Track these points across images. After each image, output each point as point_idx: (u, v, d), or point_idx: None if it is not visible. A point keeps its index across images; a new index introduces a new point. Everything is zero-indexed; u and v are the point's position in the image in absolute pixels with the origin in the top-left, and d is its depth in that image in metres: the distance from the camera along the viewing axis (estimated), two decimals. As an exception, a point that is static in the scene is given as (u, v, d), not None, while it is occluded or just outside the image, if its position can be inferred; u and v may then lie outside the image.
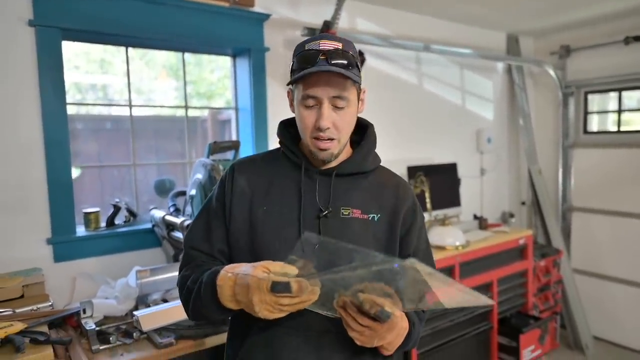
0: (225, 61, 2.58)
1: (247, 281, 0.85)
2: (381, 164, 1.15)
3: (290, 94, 1.07)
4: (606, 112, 3.65)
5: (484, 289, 2.75)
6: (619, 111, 3.49)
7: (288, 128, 1.13)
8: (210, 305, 0.94)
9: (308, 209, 1.02)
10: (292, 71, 1.01)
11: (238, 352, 1.08)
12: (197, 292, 0.97)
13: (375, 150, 1.14)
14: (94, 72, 2.26)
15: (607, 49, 3.40)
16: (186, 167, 2.50)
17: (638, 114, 3.48)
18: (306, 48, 0.98)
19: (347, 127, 1.02)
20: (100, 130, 2.37)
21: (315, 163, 1.06)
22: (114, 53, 2.28)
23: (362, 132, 1.12)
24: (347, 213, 1.03)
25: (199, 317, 1.02)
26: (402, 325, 0.94)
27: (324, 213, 1.01)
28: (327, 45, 0.97)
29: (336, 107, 0.98)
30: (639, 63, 3.24)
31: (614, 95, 3.53)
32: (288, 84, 1.04)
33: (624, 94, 3.45)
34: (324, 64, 0.94)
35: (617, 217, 3.43)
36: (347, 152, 1.09)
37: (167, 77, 2.45)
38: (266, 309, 0.84)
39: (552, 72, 3.57)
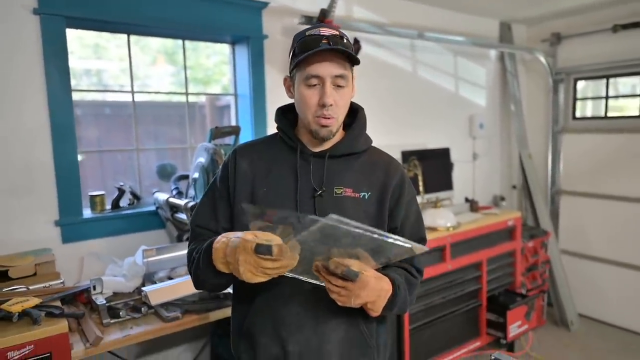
0: (222, 47, 2.63)
1: (237, 242, 0.93)
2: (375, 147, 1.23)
3: (288, 81, 1.15)
4: (594, 98, 3.74)
5: (474, 268, 2.87)
6: (606, 97, 3.59)
7: (285, 114, 1.21)
8: (206, 269, 1.03)
9: (304, 189, 1.11)
10: (294, 57, 1.09)
11: (243, 321, 1.16)
12: (197, 259, 1.07)
13: (366, 132, 1.21)
14: (88, 57, 2.27)
15: (596, 37, 3.49)
16: (187, 151, 2.58)
17: (627, 100, 3.57)
18: (307, 34, 1.07)
19: (345, 107, 1.10)
20: (98, 116, 2.40)
21: (311, 144, 1.14)
22: (108, 38, 2.29)
23: (353, 116, 1.19)
24: (339, 192, 1.11)
25: (200, 284, 1.12)
26: (381, 286, 1.01)
27: (319, 193, 1.10)
28: (327, 31, 1.06)
29: (337, 87, 1.06)
30: (626, 50, 3.33)
31: (602, 82, 3.63)
32: (292, 68, 1.10)
33: (617, 80, 3.54)
34: (326, 46, 1.03)
35: (603, 200, 3.56)
36: (339, 134, 1.16)
37: (165, 63, 2.50)
38: (249, 270, 0.91)
39: (543, 59, 3.65)
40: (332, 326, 1.10)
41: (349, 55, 1.05)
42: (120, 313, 1.71)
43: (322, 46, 1.02)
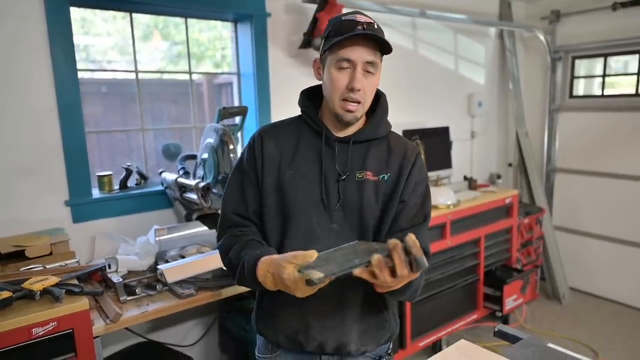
0: (216, 23, 2.59)
1: (285, 283, 0.96)
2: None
3: (318, 62, 1.17)
4: (592, 76, 3.78)
5: (473, 244, 2.95)
6: (604, 76, 3.63)
7: (309, 98, 1.23)
8: (255, 286, 1.09)
9: (328, 173, 1.15)
10: (328, 39, 1.10)
11: (264, 296, 1.21)
12: (240, 271, 1.09)
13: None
14: (76, 33, 2.15)
15: (595, 15, 3.50)
16: (191, 131, 2.58)
17: (624, 78, 3.62)
18: (343, 19, 1.10)
19: (372, 94, 1.13)
20: (96, 94, 2.35)
21: (335, 128, 1.17)
22: (95, 12, 2.22)
23: (375, 101, 1.22)
24: (361, 176, 1.15)
25: (243, 285, 1.16)
26: None
27: (343, 178, 1.14)
28: (362, 18, 1.09)
29: (367, 72, 1.09)
30: (625, 29, 3.36)
31: (595, 60, 3.66)
32: (325, 50, 1.12)
33: (617, 58, 3.58)
34: (362, 31, 1.05)
35: (596, 177, 3.65)
36: (362, 119, 1.19)
37: (158, 39, 2.45)
38: (307, 292, 0.96)
39: (542, 37, 3.66)
40: (353, 301, 1.15)
41: (380, 43, 1.07)
42: (136, 290, 1.76)
43: (357, 31, 1.05)
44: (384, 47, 1.09)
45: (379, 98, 1.23)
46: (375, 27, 1.09)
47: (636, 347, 2.97)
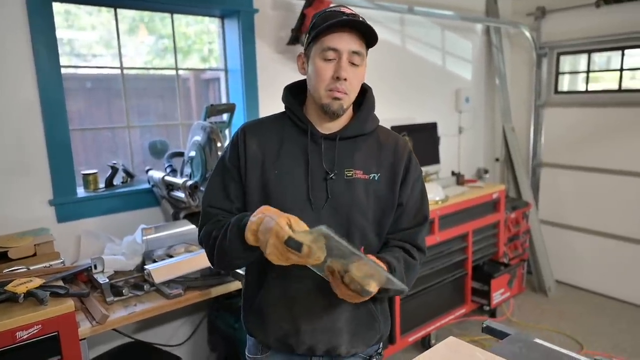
0: (203, 17, 2.56)
1: (272, 225, 0.92)
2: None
3: (302, 57, 1.15)
4: (577, 72, 3.82)
5: (461, 239, 2.98)
6: (588, 72, 3.67)
7: (293, 93, 1.20)
8: (234, 241, 1.01)
9: (315, 172, 1.12)
10: (312, 28, 1.09)
11: (255, 297, 1.19)
12: (224, 233, 1.05)
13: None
14: (59, 26, 2.12)
15: (579, 12, 3.54)
16: (177, 128, 2.55)
17: (609, 74, 3.67)
18: (328, 10, 1.09)
19: (357, 85, 1.11)
20: (80, 90, 2.30)
21: (320, 125, 1.15)
22: (79, 5, 2.17)
23: (362, 96, 1.20)
24: (350, 174, 1.12)
25: (222, 260, 1.09)
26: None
27: (331, 176, 1.11)
28: (347, 10, 1.08)
29: (352, 64, 1.07)
30: (608, 26, 3.40)
31: (580, 56, 3.71)
32: (309, 41, 1.10)
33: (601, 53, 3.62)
34: (347, 18, 1.04)
35: (581, 172, 3.70)
36: (348, 115, 1.17)
37: (143, 33, 2.41)
38: (274, 253, 0.92)
39: (527, 34, 3.69)
40: (343, 303, 1.12)
41: (365, 35, 1.06)
42: (123, 291, 1.73)
43: (342, 18, 1.04)
44: (369, 40, 1.08)
45: (366, 92, 1.21)
46: (360, 19, 1.07)
47: (618, 337, 3.03)
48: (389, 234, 1.18)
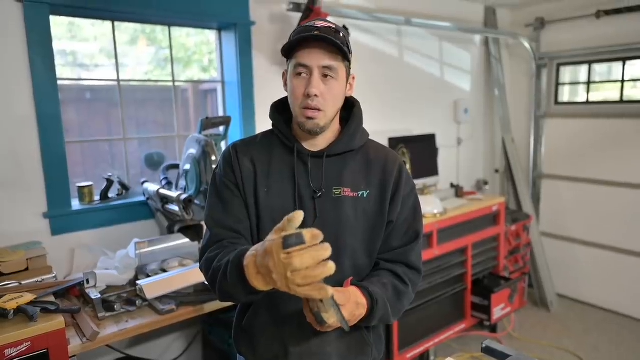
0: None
1: (264, 248, 0.80)
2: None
3: (285, 75, 1.13)
4: (577, 83, 3.81)
5: (460, 253, 2.94)
6: (588, 83, 3.66)
7: (279, 111, 1.18)
8: (237, 285, 0.90)
9: (303, 190, 1.10)
10: (285, 45, 1.07)
11: (244, 317, 1.17)
12: (223, 272, 0.95)
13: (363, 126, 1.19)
14: (62, 37, 2.16)
15: (579, 22, 3.53)
16: (174, 140, 2.54)
17: (610, 85, 3.65)
18: (303, 25, 1.08)
19: (333, 100, 1.06)
20: (78, 100, 2.30)
21: (307, 142, 1.12)
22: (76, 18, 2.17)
23: (350, 110, 1.18)
24: (338, 193, 1.10)
25: (227, 298, 1.02)
26: (355, 300, 0.98)
27: (319, 195, 1.09)
28: (321, 24, 1.06)
29: (327, 78, 1.04)
30: (609, 36, 3.39)
31: (579, 67, 3.69)
32: (286, 57, 1.09)
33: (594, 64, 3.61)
34: (314, 35, 1.02)
35: (582, 183, 3.67)
36: (336, 131, 1.15)
37: (145, 43, 2.42)
38: (280, 273, 0.76)
39: (526, 44, 3.69)
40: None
41: (340, 48, 1.03)
42: (115, 307, 1.71)
43: (310, 35, 1.01)
44: (343, 51, 1.04)
45: (353, 107, 1.18)
46: (336, 32, 1.04)
47: (622, 354, 2.97)
48: (380, 254, 1.15)
